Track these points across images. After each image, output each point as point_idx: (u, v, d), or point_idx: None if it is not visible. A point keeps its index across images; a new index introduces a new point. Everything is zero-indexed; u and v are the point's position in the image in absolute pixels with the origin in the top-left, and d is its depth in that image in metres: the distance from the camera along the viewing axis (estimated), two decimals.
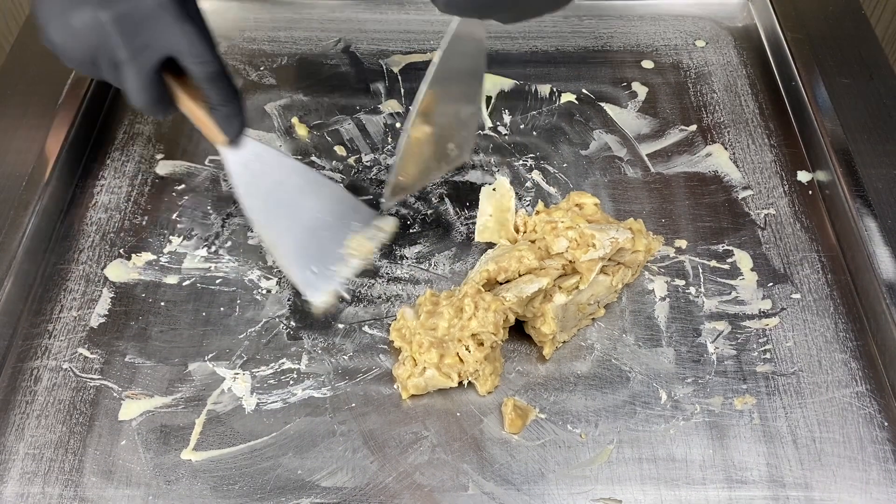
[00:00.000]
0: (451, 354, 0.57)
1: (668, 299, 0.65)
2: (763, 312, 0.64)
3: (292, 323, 0.64)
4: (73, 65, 0.58)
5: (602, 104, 0.80)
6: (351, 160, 0.75)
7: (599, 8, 0.90)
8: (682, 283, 0.66)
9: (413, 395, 0.59)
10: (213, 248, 0.68)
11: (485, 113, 0.79)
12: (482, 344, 0.58)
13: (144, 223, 0.70)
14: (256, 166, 0.62)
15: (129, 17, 0.54)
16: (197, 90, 0.58)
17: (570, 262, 0.61)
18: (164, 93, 0.58)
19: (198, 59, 0.56)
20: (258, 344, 0.62)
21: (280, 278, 0.66)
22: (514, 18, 0.54)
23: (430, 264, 0.68)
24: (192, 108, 0.59)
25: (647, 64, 0.84)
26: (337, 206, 0.65)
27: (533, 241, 0.63)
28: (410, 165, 0.63)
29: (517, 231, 0.66)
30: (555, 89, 0.82)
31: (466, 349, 0.57)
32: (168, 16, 0.54)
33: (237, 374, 0.61)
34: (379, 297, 0.65)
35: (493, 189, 0.69)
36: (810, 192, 0.73)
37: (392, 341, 0.62)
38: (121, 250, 0.68)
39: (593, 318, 0.64)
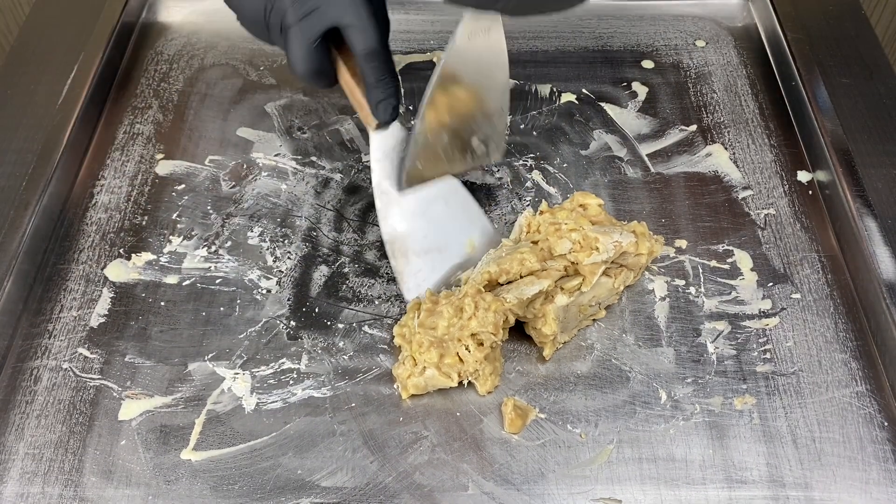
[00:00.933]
0: (450, 354, 0.57)
1: (667, 299, 0.65)
2: (763, 312, 0.64)
3: (292, 323, 0.64)
4: (247, 25, 0.60)
5: (602, 104, 0.80)
6: (351, 160, 0.75)
7: (599, 8, 0.90)
8: (682, 282, 0.66)
9: (413, 395, 0.59)
10: (213, 248, 0.68)
11: None
12: (482, 344, 0.58)
13: (144, 223, 0.70)
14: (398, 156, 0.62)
15: None
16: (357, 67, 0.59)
17: (573, 263, 0.61)
18: (327, 63, 0.59)
19: (360, 32, 0.56)
20: (258, 344, 0.62)
21: (280, 278, 0.66)
22: (519, 12, 0.53)
23: None
24: (349, 85, 0.60)
25: (647, 64, 0.84)
26: (464, 221, 0.66)
27: (535, 243, 0.63)
28: (427, 153, 0.63)
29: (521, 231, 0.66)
30: (555, 89, 0.82)
31: (466, 349, 0.57)
32: None
33: (237, 373, 0.61)
34: (379, 297, 0.65)
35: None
36: (810, 192, 0.73)
37: (392, 340, 0.62)
38: (121, 250, 0.68)
39: (594, 319, 0.64)
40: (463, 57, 0.59)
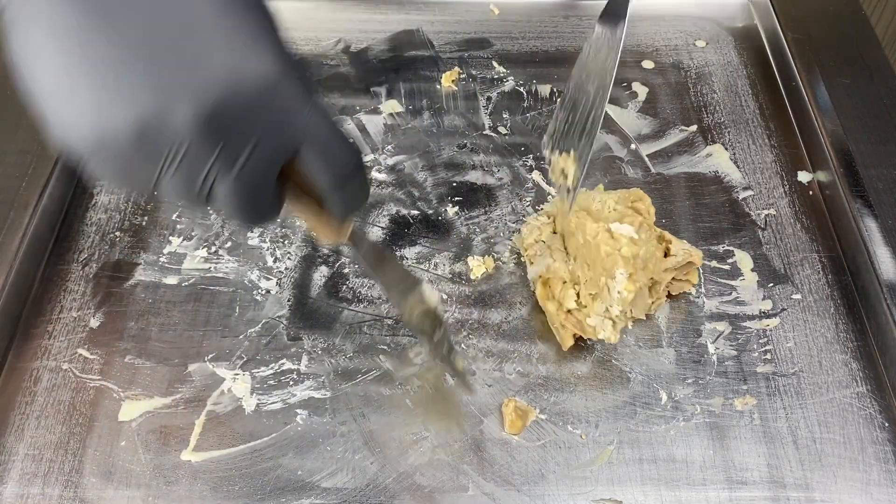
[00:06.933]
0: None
1: (668, 300, 0.65)
2: (763, 313, 0.64)
3: (292, 323, 0.64)
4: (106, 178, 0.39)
5: None
6: None
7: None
8: None
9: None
10: (213, 249, 0.68)
11: (484, 112, 0.79)
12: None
13: (144, 223, 0.70)
14: None
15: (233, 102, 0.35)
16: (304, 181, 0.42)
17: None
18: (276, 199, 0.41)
19: (332, 156, 0.39)
20: (258, 344, 0.62)
21: (280, 279, 0.66)
22: None
23: (430, 265, 0.67)
24: (303, 211, 0.44)
25: (648, 64, 0.84)
26: None
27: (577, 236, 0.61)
28: None
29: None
30: (555, 89, 0.82)
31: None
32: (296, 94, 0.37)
33: (237, 374, 0.61)
34: (379, 298, 0.65)
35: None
36: (811, 192, 0.73)
37: (392, 341, 0.61)
38: (121, 250, 0.68)
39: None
40: (584, 69, 0.62)
